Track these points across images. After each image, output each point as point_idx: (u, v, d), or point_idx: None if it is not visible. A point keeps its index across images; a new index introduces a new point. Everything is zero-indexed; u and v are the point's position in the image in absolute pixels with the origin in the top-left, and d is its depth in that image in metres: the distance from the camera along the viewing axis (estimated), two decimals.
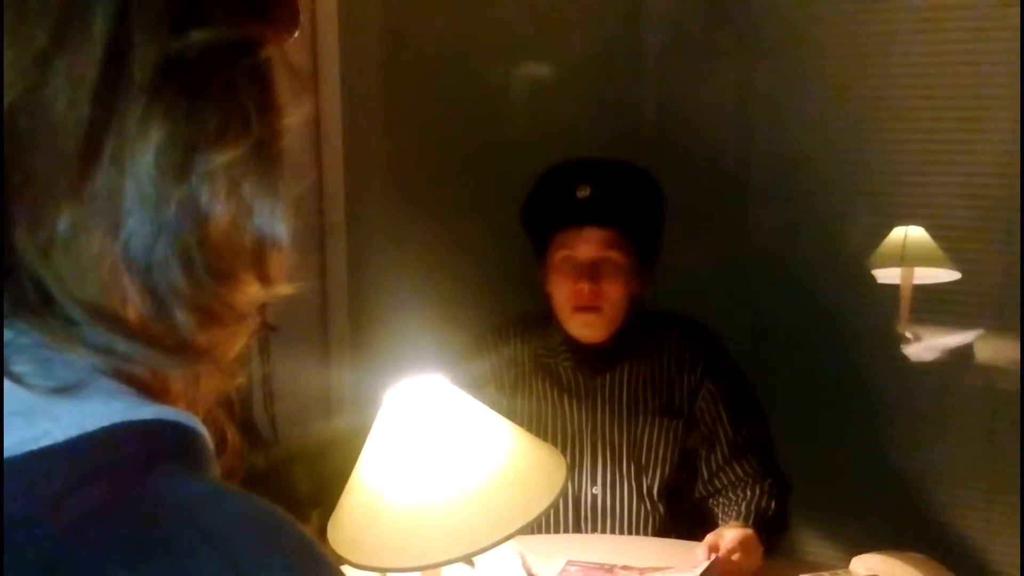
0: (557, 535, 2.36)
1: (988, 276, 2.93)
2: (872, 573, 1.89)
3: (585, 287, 2.31)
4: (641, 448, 2.41)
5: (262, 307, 0.68)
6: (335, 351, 3.60)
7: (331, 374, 3.54)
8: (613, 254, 2.33)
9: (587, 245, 2.32)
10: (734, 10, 3.18)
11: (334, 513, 1.67)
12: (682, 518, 2.44)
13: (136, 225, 0.55)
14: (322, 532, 1.67)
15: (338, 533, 1.62)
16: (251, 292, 0.63)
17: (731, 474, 2.38)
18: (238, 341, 0.64)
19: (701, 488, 2.45)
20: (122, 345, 0.56)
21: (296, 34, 0.65)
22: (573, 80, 3.41)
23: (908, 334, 3.07)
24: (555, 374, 2.46)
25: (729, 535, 2.09)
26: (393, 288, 3.50)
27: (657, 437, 2.40)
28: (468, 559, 1.58)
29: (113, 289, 0.56)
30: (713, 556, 1.98)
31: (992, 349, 2.97)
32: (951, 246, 2.97)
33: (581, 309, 2.34)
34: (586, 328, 2.37)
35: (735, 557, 2.03)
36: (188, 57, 0.56)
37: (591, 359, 2.43)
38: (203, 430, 0.59)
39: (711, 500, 2.43)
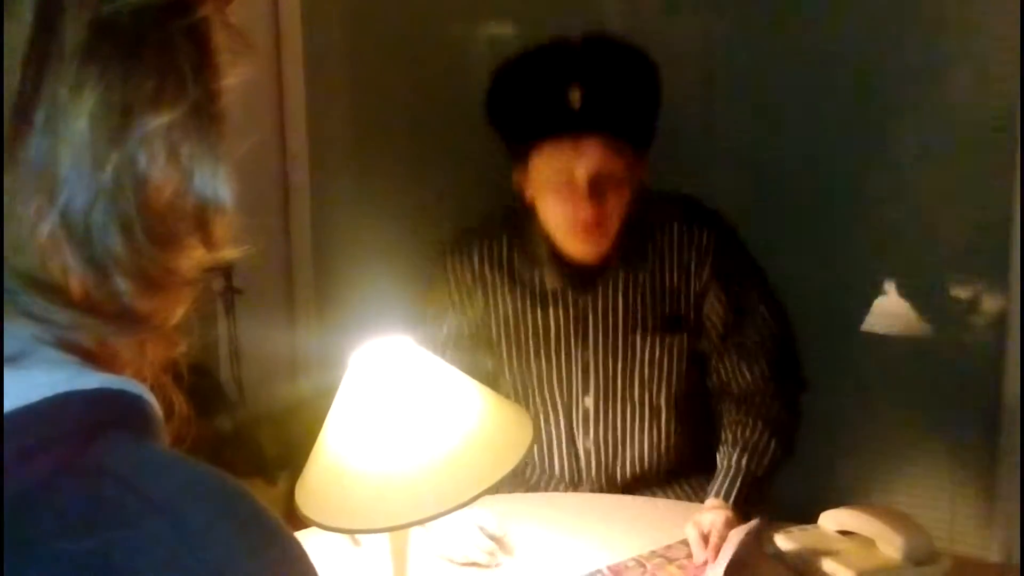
0: (524, 495, 2.27)
1: (949, 218, 2.94)
2: (841, 527, 1.90)
3: (588, 210, 2.02)
4: (644, 364, 2.18)
5: (226, 270, 0.67)
6: (301, 312, 3.59)
7: (297, 335, 3.54)
8: (614, 164, 2.02)
9: (585, 159, 2.00)
10: None
11: (301, 476, 1.66)
12: (688, 425, 2.27)
13: (73, 191, 0.54)
14: (290, 494, 1.66)
15: (306, 496, 1.62)
16: (195, 256, 0.61)
17: (741, 381, 2.18)
18: (181, 307, 0.63)
19: (710, 388, 2.24)
20: (62, 315, 0.55)
21: None
22: (537, 41, 3.39)
23: (883, 303, 3.08)
24: (536, 289, 2.18)
25: (709, 520, 1.95)
26: (358, 249, 3.49)
27: (660, 353, 2.17)
28: (436, 519, 1.58)
29: (52, 258, 0.55)
30: (730, 549, 1.92)
31: (961, 301, 2.98)
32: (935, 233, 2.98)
33: (582, 234, 2.07)
34: (588, 248, 2.10)
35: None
36: (121, 19, 0.55)
37: (580, 271, 2.15)
38: (149, 397, 0.58)
39: (721, 411, 2.23)
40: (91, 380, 0.55)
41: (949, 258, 2.96)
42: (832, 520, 1.92)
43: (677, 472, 2.31)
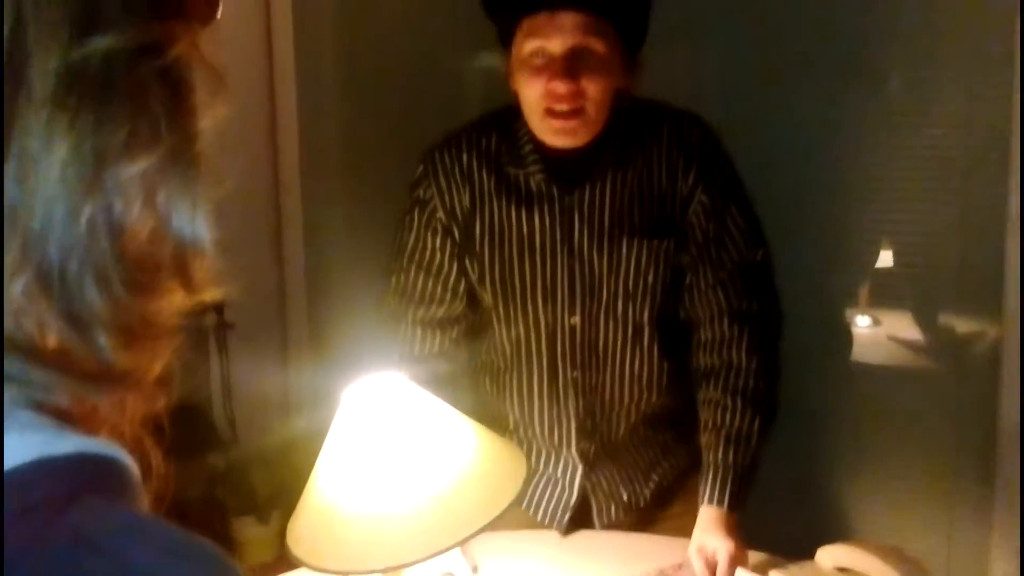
0: (509, 532, 2.20)
1: (943, 260, 2.93)
2: (838, 564, 1.88)
3: (561, 85, 1.93)
4: (628, 273, 2.10)
5: (218, 304, 0.65)
6: (293, 348, 3.58)
7: (290, 372, 3.52)
8: (593, 42, 1.93)
9: (562, 34, 1.92)
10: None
11: (293, 515, 1.65)
12: (671, 347, 2.19)
13: (46, 244, 0.53)
14: (282, 533, 1.65)
15: (297, 536, 1.60)
16: (174, 301, 0.60)
17: (713, 302, 2.11)
18: (161, 360, 0.61)
19: (682, 313, 2.17)
20: (38, 375, 0.53)
21: (215, 18, 0.63)
22: None
23: (867, 325, 3.07)
24: (522, 188, 2.10)
25: (712, 547, 1.94)
26: (352, 283, 3.48)
27: (646, 260, 2.10)
28: (429, 560, 1.56)
29: (27, 314, 0.53)
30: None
31: (951, 334, 2.98)
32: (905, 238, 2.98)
33: (556, 114, 1.97)
34: (563, 134, 2.00)
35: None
36: (91, 64, 0.53)
37: (567, 169, 2.07)
38: (127, 460, 0.57)
39: (694, 340, 2.16)
40: (66, 444, 0.53)
41: (943, 286, 2.96)
42: (829, 556, 1.90)
43: (658, 421, 2.26)
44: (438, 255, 2.16)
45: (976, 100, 2.80)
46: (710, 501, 2.03)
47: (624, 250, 2.09)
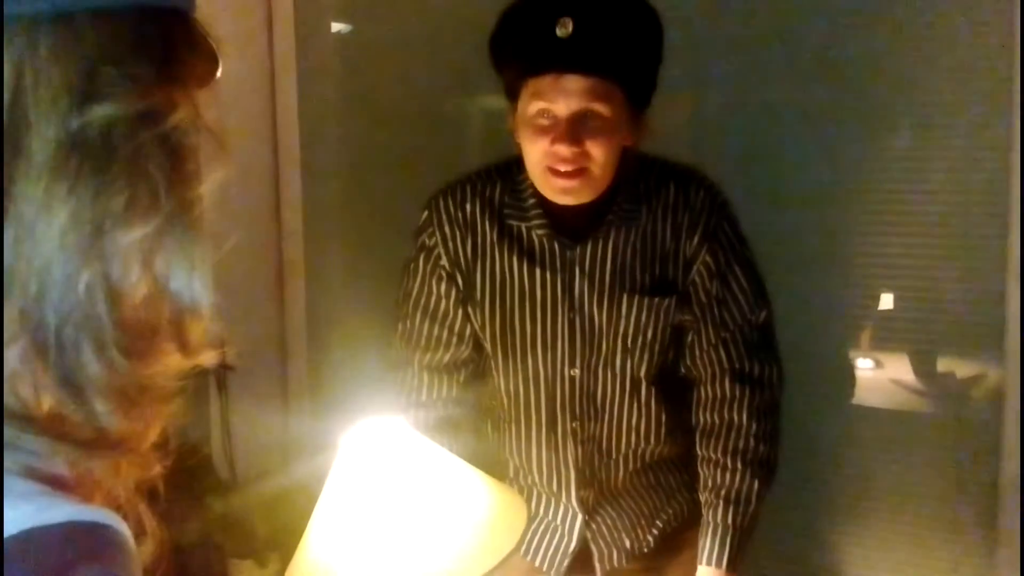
0: None
1: (945, 304, 2.93)
2: None
3: (564, 149, 1.91)
4: (627, 329, 2.09)
5: (221, 353, 0.65)
6: (294, 391, 3.57)
7: (290, 415, 3.51)
8: (599, 107, 1.91)
9: (567, 97, 1.90)
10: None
11: (292, 561, 1.64)
12: (671, 399, 2.18)
13: (43, 309, 0.52)
14: None
15: None
16: (171, 365, 0.60)
17: (715, 360, 2.11)
18: (158, 425, 0.61)
19: (683, 370, 2.17)
20: (32, 442, 0.53)
21: (215, 79, 0.62)
22: None
23: (868, 368, 3.07)
24: (525, 241, 2.09)
25: None
26: (353, 326, 3.48)
27: (645, 317, 2.09)
28: None
29: (23, 380, 0.53)
30: None
31: (952, 378, 2.97)
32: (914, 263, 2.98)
33: (559, 173, 1.96)
34: (565, 194, 1.99)
35: None
36: (90, 132, 0.53)
37: (569, 223, 2.06)
38: (121, 526, 0.56)
39: (693, 398, 2.17)
40: (59, 513, 0.53)
41: (944, 329, 2.95)
42: None
43: (659, 468, 2.26)
44: (443, 301, 2.16)
45: (976, 142, 2.81)
46: (708, 562, 2.06)
47: (624, 307, 2.09)
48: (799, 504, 3.06)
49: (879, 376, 3.06)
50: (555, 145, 1.92)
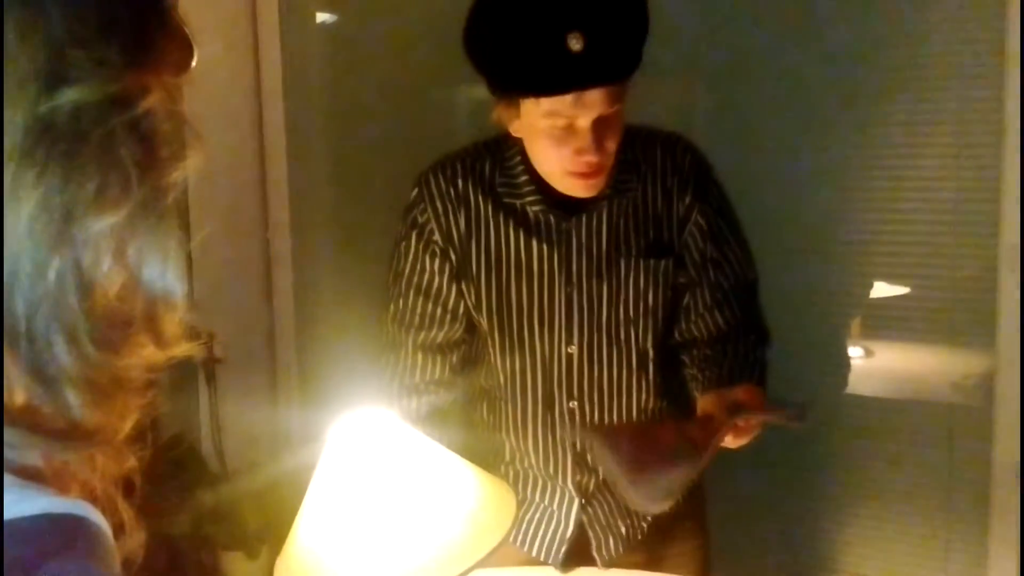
0: (503, 570, 2.19)
1: (936, 291, 2.93)
2: None
3: (593, 157, 1.90)
4: (627, 297, 2.08)
5: (207, 338, 0.64)
6: (283, 383, 3.57)
7: (279, 406, 3.51)
8: (614, 109, 1.89)
9: (589, 110, 1.87)
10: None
11: (281, 552, 1.63)
12: (671, 372, 2.17)
13: (12, 299, 0.51)
14: (271, 569, 1.63)
15: (286, 572, 1.58)
16: (145, 356, 0.58)
17: (711, 323, 2.11)
18: (132, 417, 0.60)
19: (677, 335, 2.16)
20: (6, 434, 0.52)
21: (190, 67, 0.61)
22: None
23: (860, 356, 3.07)
24: (519, 215, 2.08)
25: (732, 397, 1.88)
26: (341, 317, 3.47)
27: (644, 281, 2.08)
28: None
29: None
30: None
31: (944, 365, 2.97)
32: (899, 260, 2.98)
33: (581, 176, 1.95)
34: (587, 190, 1.99)
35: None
36: (59, 117, 0.52)
37: (565, 197, 2.04)
38: (97, 518, 0.55)
39: (686, 358, 2.16)
40: (34, 504, 0.52)
41: (936, 317, 2.95)
42: None
43: None
44: (436, 278, 2.14)
45: (966, 132, 2.80)
46: (713, 386, 2.00)
47: (623, 273, 2.07)
48: (790, 492, 3.06)
49: (870, 364, 3.06)
50: (582, 156, 1.90)
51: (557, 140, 1.91)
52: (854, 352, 3.07)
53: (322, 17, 3.61)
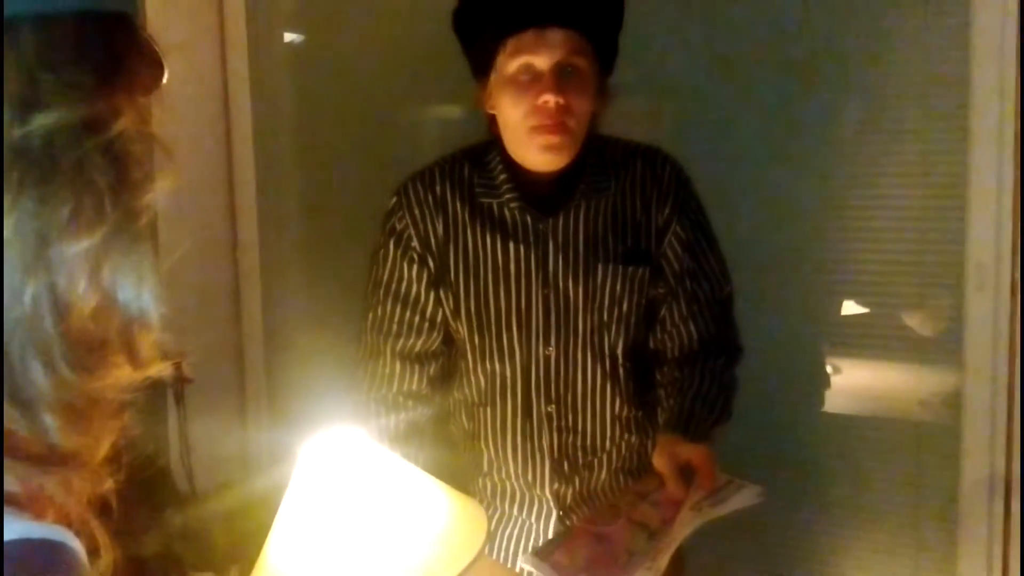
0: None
1: (903, 308, 2.94)
2: None
3: (551, 99, 1.95)
4: (603, 302, 2.11)
5: (176, 359, 0.63)
6: (252, 403, 3.55)
7: (248, 426, 3.49)
8: (578, 60, 1.97)
9: (550, 49, 1.96)
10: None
11: (252, 573, 1.62)
12: (646, 382, 2.21)
13: None
14: None
15: None
16: (121, 377, 0.58)
17: (684, 334, 2.14)
18: (109, 439, 0.59)
19: (652, 345, 2.19)
20: None
21: (160, 86, 0.61)
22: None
23: (827, 370, 3.08)
24: (497, 217, 2.11)
25: (686, 453, 1.92)
26: (310, 337, 3.46)
27: (620, 287, 2.11)
28: None
29: None
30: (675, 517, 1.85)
31: (912, 382, 2.98)
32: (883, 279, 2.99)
33: (544, 129, 1.99)
34: (550, 152, 2.01)
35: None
36: (32, 142, 0.52)
37: (541, 196, 2.10)
38: (73, 542, 0.55)
39: (658, 374, 2.20)
40: (11, 530, 0.52)
41: (903, 334, 2.96)
42: None
43: (636, 469, 2.24)
44: (415, 285, 2.15)
45: (931, 151, 2.82)
46: (670, 430, 2.02)
47: (599, 277, 2.10)
48: (756, 510, 3.06)
49: (837, 381, 3.07)
50: (542, 96, 1.96)
51: (523, 87, 1.98)
52: (823, 369, 3.08)
53: (290, 36, 3.60)
